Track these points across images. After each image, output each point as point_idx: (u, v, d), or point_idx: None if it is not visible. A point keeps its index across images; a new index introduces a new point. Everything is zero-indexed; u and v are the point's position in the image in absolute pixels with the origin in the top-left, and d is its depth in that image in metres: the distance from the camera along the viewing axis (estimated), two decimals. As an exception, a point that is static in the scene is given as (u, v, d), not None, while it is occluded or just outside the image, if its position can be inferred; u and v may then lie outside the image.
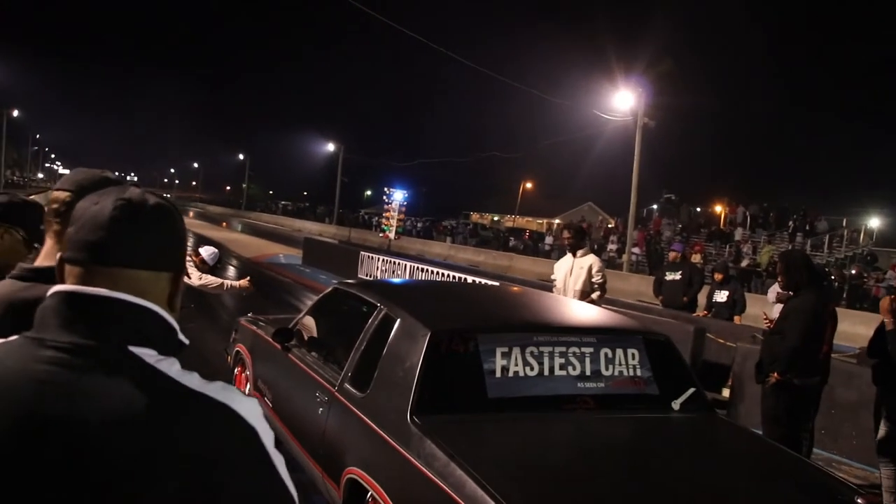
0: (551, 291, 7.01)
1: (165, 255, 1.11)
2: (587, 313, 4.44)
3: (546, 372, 3.44)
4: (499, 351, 3.37)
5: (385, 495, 2.96)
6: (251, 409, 1.03)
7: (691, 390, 3.64)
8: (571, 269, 7.06)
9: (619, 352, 3.65)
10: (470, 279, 13.28)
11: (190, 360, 1.09)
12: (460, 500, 2.55)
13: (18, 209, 2.29)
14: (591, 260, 7.12)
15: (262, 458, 1.01)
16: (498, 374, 3.33)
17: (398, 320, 3.59)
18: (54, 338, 1.00)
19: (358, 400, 3.50)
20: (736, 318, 9.58)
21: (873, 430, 5.13)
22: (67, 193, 1.70)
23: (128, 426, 0.94)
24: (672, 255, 10.76)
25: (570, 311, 4.38)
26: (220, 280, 5.99)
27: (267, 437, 1.03)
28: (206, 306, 10.95)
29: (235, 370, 5.62)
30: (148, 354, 1.02)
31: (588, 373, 3.52)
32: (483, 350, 3.36)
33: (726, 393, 7.48)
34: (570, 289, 7.00)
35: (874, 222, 34.84)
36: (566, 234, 7.56)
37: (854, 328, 12.24)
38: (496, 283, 8.73)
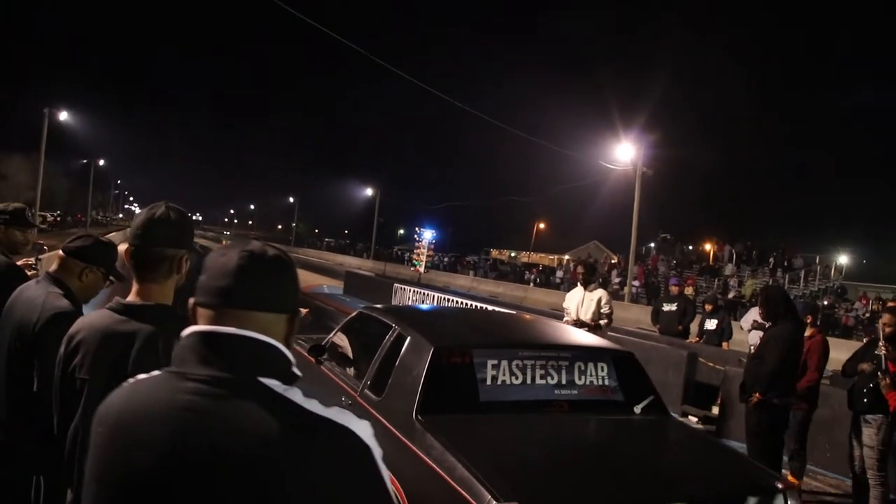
0: (561, 320, 6.94)
1: (284, 299, 1.12)
2: (565, 334, 4.54)
3: (528, 381, 3.57)
4: (489, 363, 3.52)
5: (394, 479, 3.12)
6: (365, 430, 1.03)
7: (650, 397, 3.76)
8: (583, 301, 7.03)
9: (591, 365, 3.76)
10: (489, 308, 13.39)
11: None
12: (451, 481, 2.72)
13: (98, 249, 2.34)
14: (601, 293, 7.09)
15: (374, 473, 1.02)
16: (489, 382, 3.48)
17: (408, 338, 3.74)
18: (194, 371, 1.01)
19: (375, 403, 3.64)
20: (724, 343, 9.45)
21: (847, 446, 5.08)
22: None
23: (264, 447, 0.95)
24: (674, 289, 10.57)
25: (550, 332, 4.46)
26: None
27: (378, 453, 1.03)
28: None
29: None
30: (275, 384, 1.02)
31: (563, 382, 3.65)
32: (476, 362, 3.51)
33: (716, 410, 7.40)
34: (581, 317, 6.95)
35: (843, 259, 34.73)
36: (580, 269, 7.46)
37: (827, 353, 12.06)
38: (513, 312, 8.86)
